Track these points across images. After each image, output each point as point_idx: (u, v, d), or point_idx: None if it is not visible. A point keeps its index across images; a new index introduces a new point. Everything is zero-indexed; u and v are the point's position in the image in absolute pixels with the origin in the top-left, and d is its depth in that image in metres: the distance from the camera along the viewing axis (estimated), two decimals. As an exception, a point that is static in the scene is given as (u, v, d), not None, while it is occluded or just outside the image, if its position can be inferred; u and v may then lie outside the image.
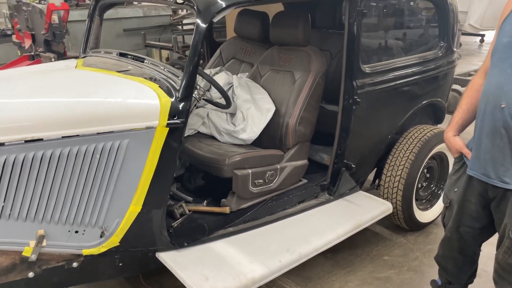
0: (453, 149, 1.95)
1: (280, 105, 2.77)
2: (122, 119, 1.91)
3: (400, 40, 2.99)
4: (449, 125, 1.97)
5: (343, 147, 2.74)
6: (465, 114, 1.93)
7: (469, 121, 1.95)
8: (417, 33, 3.11)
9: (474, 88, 1.90)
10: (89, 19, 2.79)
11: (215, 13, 1.99)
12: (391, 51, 2.90)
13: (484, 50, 11.49)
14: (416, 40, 3.06)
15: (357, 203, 2.89)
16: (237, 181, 2.45)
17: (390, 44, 2.94)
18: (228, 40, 3.52)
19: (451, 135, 1.95)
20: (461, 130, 1.97)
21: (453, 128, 1.95)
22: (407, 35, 3.05)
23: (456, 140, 1.94)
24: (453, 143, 1.94)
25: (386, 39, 2.92)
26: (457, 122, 1.94)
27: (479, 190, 1.85)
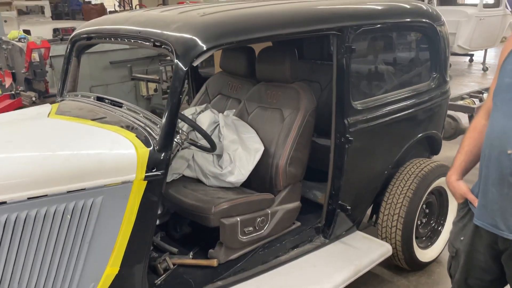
0: (457, 194, 1.81)
1: (269, 144, 2.63)
2: (96, 175, 1.75)
3: (391, 74, 2.88)
4: (452, 168, 1.83)
5: (337, 187, 2.59)
6: (468, 157, 1.79)
7: (472, 164, 1.82)
8: (409, 65, 3.00)
9: (477, 129, 1.77)
10: (65, 61, 2.65)
11: (195, 57, 1.86)
12: (383, 85, 2.79)
13: (474, 69, 11.55)
14: (408, 73, 2.95)
15: (354, 245, 2.73)
16: (224, 231, 2.28)
17: (381, 78, 2.83)
18: (214, 75, 3.40)
19: (455, 179, 1.81)
20: (465, 173, 1.83)
21: (456, 172, 1.81)
22: (398, 68, 2.94)
23: (460, 185, 1.80)
24: (457, 188, 1.80)
25: (377, 73, 2.81)
26: (460, 165, 1.80)
27: (488, 240, 1.69)
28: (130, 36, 2.13)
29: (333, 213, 2.64)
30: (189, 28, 1.93)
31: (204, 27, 1.94)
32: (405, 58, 3.05)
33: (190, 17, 2.05)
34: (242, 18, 2.07)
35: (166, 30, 1.96)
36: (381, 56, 2.90)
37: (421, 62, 3.00)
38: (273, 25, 2.11)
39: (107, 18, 2.53)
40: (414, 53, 3.05)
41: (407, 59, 3.05)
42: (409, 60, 3.03)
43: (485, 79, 10.25)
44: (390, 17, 2.60)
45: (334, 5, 2.42)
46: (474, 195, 1.74)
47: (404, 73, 2.94)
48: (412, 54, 3.06)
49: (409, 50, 3.07)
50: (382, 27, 2.57)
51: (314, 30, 2.24)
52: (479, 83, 9.65)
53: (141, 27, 2.09)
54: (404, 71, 2.96)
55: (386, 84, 2.80)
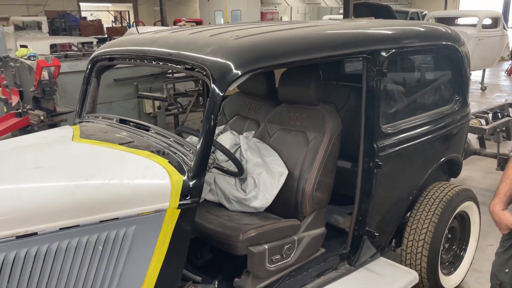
0: (503, 225, 1.75)
1: (293, 168, 2.56)
2: (129, 204, 1.67)
3: (418, 97, 2.85)
4: (496, 197, 1.78)
5: (364, 213, 2.52)
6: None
7: None
8: (434, 88, 2.98)
9: None
10: (85, 81, 2.58)
11: (231, 81, 1.80)
12: (410, 108, 2.75)
13: (472, 89, 11.64)
14: (433, 96, 2.92)
15: (380, 272, 2.64)
16: (252, 259, 2.20)
17: (408, 101, 2.79)
18: (231, 96, 3.34)
19: (499, 209, 1.76)
20: (510, 202, 1.78)
21: (501, 201, 1.76)
22: (424, 91, 2.91)
23: (505, 215, 1.74)
24: (502, 218, 1.74)
25: (404, 96, 2.77)
26: (505, 194, 1.75)
27: None
28: (160, 58, 2.07)
29: (359, 240, 2.57)
30: (225, 52, 1.87)
31: (240, 51, 1.89)
32: (430, 81, 3.03)
33: (223, 40, 2.00)
34: (277, 42, 2.03)
35: (199, 53, 1.91)
36: (408, 79, 2.88)
37: (445, 84, 2.98)
38: (307, 49, 2.07)
39: (130, 39, 2.47)
40: (439, 75, 3.02)
41: (432, 81, 3.03)
42: (434, 83, 3.01)
43: (484, 98, 10.33)
44: (417, 40, 2.58)
45: (365, 29, 2.39)
46: None
47: (429, 96, 2.91)
48: (436, 76, 3.04)
49: (435, 73, 3.05)
50: (410, 50, 2.55)
51: (346, 54, 2.21)
52: (478, 103, 9.72)
53: (171, 49, 2.04)
54: (430, 94, 2.93)
55: (413, 107, 2.76)
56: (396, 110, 2.64)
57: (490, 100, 9.99)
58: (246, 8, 19.11)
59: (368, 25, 2.51)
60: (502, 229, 1.79)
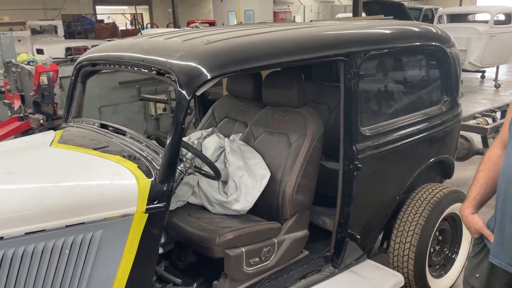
0: (472, 229, 1.72)
1: (275, 170, 2.56)
2: (96, 208, 1.71)
3: (401, 98, 2.81)
4: (466, 201, 1.75)
5: (346, 215, 2.51)
6: (483, 189, 1.71)
7: (488, 196, 1.73)
8: (419, 89, 2.93)
9: (492, 160, 1.70)
10: (70, 87, 2.64)
11: (198, 86, 1.82)
12: (392, 110, 2.72)
13: (486, 86, 11.41)
14: (418, 97, 2.88)
15: (365, 275, 2.63)
16: (229, 262, 2.21)
17: (391, 103, 2.76)
18: (221, 98, 3.37)
19: (469, 213, 1.73)
20: (480, 206, 1.74)
21: (471, 205, 1.72)
22: (408, 92, 2.87)
23: (475, 219, 1.71)
24: (472, 223, 1.71)
25: (386, 98, 2.74)
26: (475, 198, 1.72)
27: (506, 279, 1.60)
28: (134, 64, 2.11)
29: (342, 242, 2.55)
30: (192, 57, 1.89)
31: (208, 56, 1.91)
32: (414, 82, 2.98)
33: (193, 45, 2.02)
34: (247, 46, 2.03)
35: (169, 58, 1.93)
36: (390, 80, 2.84)
37: (432, 85, 2.93)
38: (278, 53, 2.07)
39: (112, 44, 2.52)
40: (424, 76, 2.97)
41: (417, 83, 2.98)
42: (419, 84, 2.96)
43: (497, 96, 10.11)
44: (398, 41, 2.55)
45: (340, 31, 2.38)
46: (490, 230, 1.65)
47: (414, 97, 2.87)
48: (422, 77, 2.99)
49: (419, 74, 3.00)
50: (390, 52, 2.52)
51: (320, 57, 2.20)
52: (491, 100, 9.51)
53: (144, 55, 2.07)
54: (414, 95, 2.88)
55: (396, 109, 2.73)
56: (377, 112, 2.61)
57: (504, 98, 9.77)
58: (259, 8, 19.13)
59: (344, 26, 2.48)
60: (472, 234, 1.76)
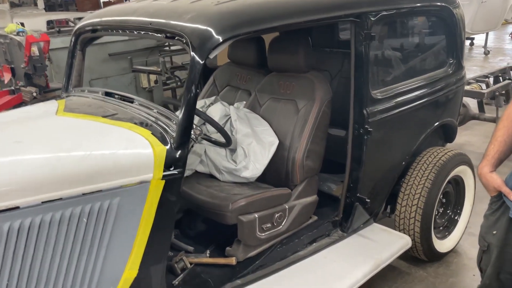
0: (491, 187, 1.73)
1: (283, 137, 2.54)
2: (112, 175, 1.67)
3: (409, 61, 2.79)
4: (484, 160, 1.75)
5: (355, 180, 2.51)
6: (502, 147, 1.70)
7: (507, 154, 1.73)
8: (426, 52, 2.90)
9: (510, 119, 1.69)
10: (70, 55, 2.54)
11: (211, 48, 1.76)
12: (401, 73, 2.69)
13: (475, 53, 11.43)
14: (426, 59, 2.85)
15: (373, 238, 2.66)
16: (243, 228, 2.21)
17: (399, 66, 2.73)
18: (222, 66, 3.29)
19: (487, 171, 1.72)
20: (498, 164, 1.74)
21: (489, 163, 1.72)
22: (415, 54, 2.84)
23: (493, 177, 1.71)
24: (490, 181, 1.72)
25: (395, 61, 2.71)
26: (493, 156, 1.71)
27: None
28: (140, 27, 2.03)
29: (351, 207, 2.57)
30: (204, 19, 1.82)
31: (220, 17, 1.84)
32: (422, 44, 2.94)
33: (204, 6, 1.94)
34: (259, 6, 1.97)
35: (179, 20, 1.86)
36: (398, 43, 2.80)
37: (438, 48, 2.91)
38: (291, 13, 2.01)
39: (112, 9, 2.42)
40: (431, 38, 2.94)
41: (424, 45, 2.94)
42: (426, 46, 2.92)
43: (487, 63, 10.16)
44: (408, 1, 2.50)
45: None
46: (509, 188, 1.66)
47: (421, 60, 2.84)
48: (429, 39, 2.95)
49: (426, 36, 2.96)
50: (400, 12, 2.47)
51: (332, 17, 2.15)
52: (481, 67, 9.55)
53: (151, 18, 1.99)
54: (422, 57, 2.86)
55: (404, 71, 2.71)
56: (386, 75, 2.58)
57: (493, 64, 9.81)
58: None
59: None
60: (490, 192, 1.77)
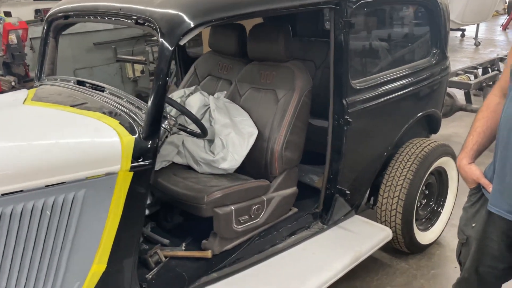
0: (469, 179, 1.69)
1: (263, 127, 2.49)
2: (76, 167, 1.60)
3: (391, 50, 2.73)
4: (462, 151, 1.71)
5: (335, 171, 2.47)
6: (481, 138, 1.66)
7: (485, 146, 1.69)
8: (409, 41, 2.85)
9: (490, 109, 1.64)
10: (42, 42, 2.46)
11: (181, 35, 1.69)
12: (382, 62, 2.64)
13: (466, 44, 11.41)
14: (408, 49, 2.80)
15: (353, 230, 2.63)
16: (218, 221, 2.16)
17: (381, 55, 2.68)
18: (203, 55, 3.23)
19: (466, 163, 1.68)
20: (477, 156, 1.70)
21: (468, 155, 1.68)
22: (398, 44, 2.79)
23: (472, 169, 1.67)
24: (468, 173, 1.68)
25: (376, 50, 2.65)
26: (472, 148, 1.67)
27: (503, 228, 1.59)
28: (110, 13, 1.95)
29: (331, 198, 2.53)
30: (174, 4, 1.76)
31: (191, 2, 1.77)
32: (405, 33, 2.89)
33: (175, -9, 1.87)
34: (233, -9, 1.90)
35: (149, 6, 1.79)
36: (380, 31, 2.74)
37: (421, 37, 2.85)
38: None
39: (85, -6, 2.33)
40: (414, 28, 2.89)
41: (407, 34, 2.89)
42: (409, 36, 2.87)
43: (477, 54, 10.15)
44: (389, -11, 2.45)
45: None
46: (487, 180, 1.62)
47: (404, 49, 2.80)
48: (412, 29, 2.90)
49: (409, 25, 2.90)
50: (381, 0, 2.41)
51: (310, 4, 2.08)
52: (471, 58, 9.55)
53: (122, 3, 1.91)
54: (404, 47, 2.81)
55: (386, 61, 2.66)
56: (367, 64, 2.53)
57: (483, 56, 9.79)
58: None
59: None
60: (469, 184, 1.73)
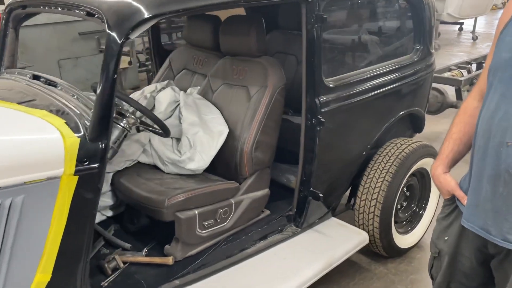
0: (444, 190, 1.54)
1: (234, 126, 2.37)
2: (13, 170, 1.48)
3: (370, 46, 2.60)
4: (438, 159, 1.56)
5: (308, 173, 2.35)
6: (457, 146, 1.52)
7: (462, 153, 1.55)
8: (389, 37, 2.71)
9: (468, 113, 1.50)
10: (1, 34, 2.33)
11: (130, 28, 1.56)
12: (360, 59, 2.51)
13: (463, 38, 11.25)
14: (388, 45, 2.66)
15: (328, 234, 2.52)
16: (180, 226, 2.05)
17: (358, 51, 2.54)
18: (179, 48, 3.09)
19: (441, 172, 1.54)
20: (453, 164, 1.56)
21: (443, 163, 1.53)
22: (377, 40, 2.65)
23: (447, 179, 1.53)
24: (443, 183, 1.53)
25: (353, 46, 2.52)
26: (448, 156, 1.53)
27: (477, 244, 1.46)
28: (63, 4, 1.82)
29: (305, 201, 2.41)
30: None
31: (143, -8, 1.64)
32: (384, 28, 2.74)
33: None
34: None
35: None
36: (357, 26, 2.60)
37: (403, 32, 2.72)
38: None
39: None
40: (395, 22, 2.74)
41: (387, 29, 2.74)
42: (389, 31, 2.73)
43: (474, 49, 9.99)
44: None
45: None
46: (463, 191, 1.49)
47: (383, 45, 2.66)
48: (392, 23, 2.76)
49: (390, 20, 2.75)
50: (357, -7, 2.28)
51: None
52: (468, 53, 9.40)
53: (73, -7, 1.78)
54: (384, 43, 2.67)
55: (364, 58, 2.52)
56: (342, 61, 2.40)
57: (480, 50, 9.65)
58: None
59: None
60: (443, 194, 1.59)
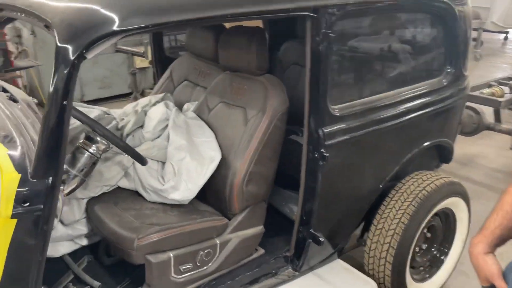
0: (482, 274, 1.20)
1: (227, 152, 2.08)
2: None
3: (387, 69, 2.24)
4: (480, 234, 1.22)
5: (308, 212, 2.02)
6: (506, 220, 1.18)
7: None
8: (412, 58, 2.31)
9: None
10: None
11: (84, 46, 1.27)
12: (374, 84, 2.15)
13: (508, 49, 10.52)
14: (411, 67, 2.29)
15: (330, 280, 2.19)
16: (151, 271, 1.77)
17: (373, 75, 2.19)
18: (181, 57, 2.83)
19: (481, 252, 1.19)
20: (499, 243, 1.21)
21: (486, 240, 1.19)
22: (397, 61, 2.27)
23: (487, 261, 1.18)
24: (483, 266, 1.19)
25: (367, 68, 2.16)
26: (493, 232, 1.18)
27: None
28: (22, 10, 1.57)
29: (304, 243, 2.09)
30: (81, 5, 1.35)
31: (105, 2, 1.36)
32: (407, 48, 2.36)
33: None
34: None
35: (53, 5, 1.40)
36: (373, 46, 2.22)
37: (431, 53, 2.34)
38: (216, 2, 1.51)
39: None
40: (421, 41, 2.36)
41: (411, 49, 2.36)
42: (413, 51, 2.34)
43: (520, 61, 9.30)
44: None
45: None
46: (506, 282, 1.14)
47: (406, 68, 2.29)
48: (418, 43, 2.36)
49: (414, 38, 2.37)
50: (375, 8, 1.93)
51: (278, 11, 1.64)
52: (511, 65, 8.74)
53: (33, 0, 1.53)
54: (406, 64, 2.30)
55: (379, 82, 2.17)
56: (353, 86, 2.06)
57: (525, 63, 8.97)
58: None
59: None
60: (481, 280, 1.22)
